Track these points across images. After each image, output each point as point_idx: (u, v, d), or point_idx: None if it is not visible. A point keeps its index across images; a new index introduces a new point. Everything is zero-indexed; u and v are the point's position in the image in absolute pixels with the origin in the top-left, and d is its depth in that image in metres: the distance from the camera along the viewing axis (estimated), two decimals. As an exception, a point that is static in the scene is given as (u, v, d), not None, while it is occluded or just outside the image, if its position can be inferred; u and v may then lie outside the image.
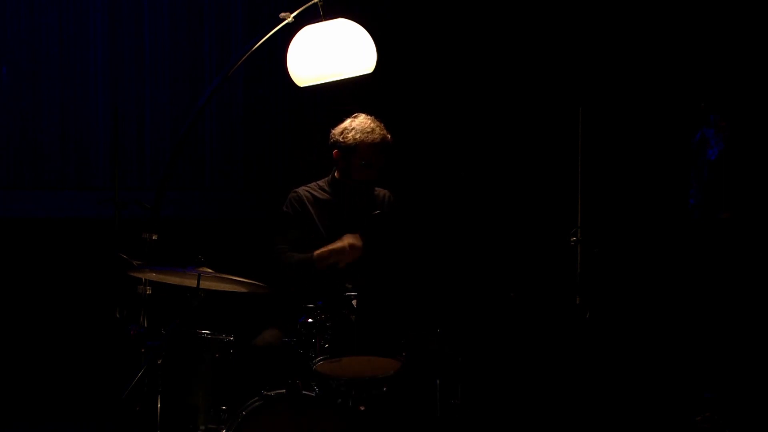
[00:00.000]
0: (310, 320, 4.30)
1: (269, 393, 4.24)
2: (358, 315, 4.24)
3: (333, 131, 4.86)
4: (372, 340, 4.23)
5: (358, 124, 4.82)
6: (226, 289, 4.39)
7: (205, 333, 4.37)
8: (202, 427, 4.29)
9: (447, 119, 6.48)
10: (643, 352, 5.89)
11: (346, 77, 4.46)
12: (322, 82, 4.46)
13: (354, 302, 4.26)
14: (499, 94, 6.45)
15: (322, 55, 4.39)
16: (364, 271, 4.75)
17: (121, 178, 5.68)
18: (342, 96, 5.46)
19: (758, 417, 5.43)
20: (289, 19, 4.48)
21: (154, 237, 4.42)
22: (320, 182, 4.95)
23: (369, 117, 4.85)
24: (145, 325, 4.37)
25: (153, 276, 4.33)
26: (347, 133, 4.81)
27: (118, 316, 4.86)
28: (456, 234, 5.79)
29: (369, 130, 4.79)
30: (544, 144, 6.30)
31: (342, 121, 4.87)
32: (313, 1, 4.46)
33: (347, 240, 4.72)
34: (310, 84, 4.49)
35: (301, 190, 4.91)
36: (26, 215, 6.55)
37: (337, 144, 4.84)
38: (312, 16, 4.46)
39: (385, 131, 4.82)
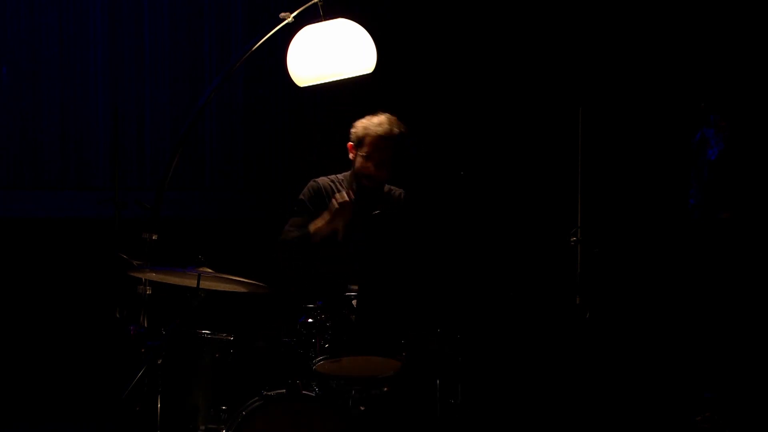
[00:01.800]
0: (310, 320, 4.30)
1: (269, 393, 4.24)
2: (358, 315, 4.24)
3: (356, 128, 4.89)
4: (372, 340, 4.23)
5: (372, 117, 4.84)
6: (226, 289, 4.39)
7: (205, 333, 4.37)
8: (202, 427, 4.29)
9: (447, 119, 6.48)
10: (643, 352, 5.89)
11: (346, 77, 4.46)
12: (322, 82, 4.46)
13: (354, 302, 4.26)
14: (499, 94, 6.45)
15: (322, 55, 4.39)
16: (364, 270, 4.74)
17: (121, 178, 5.69)
18: (342, 96, 5.47)
19: (758, 417, 5.43)
20: (289, 19, 4.48)
21: (154, 237, 4.42)
22: (340, 176, 4.95)
23: (389, 115, 4.86)
24: (145, 325, 4.37)
25: (153, 276, 4.33)
26: (359, 123, 4.83)
27: (118, 316, 4.86)
28: (456, 234, 5.79)
29: (378, 122, 4.80)
30: (544, 144, 6.30)
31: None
32: (313, 1, 4.46)
33: (333, 200, 4.67)
34: (310, 84, 4.49)
35: (321, 180, 4.91)
36: (26, 215, 6.55)
37: (350, 135, 4.85)
38: (312, 16, 4.46)
39: (393, 126, 4.80)
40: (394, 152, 4.82)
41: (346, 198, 4.63)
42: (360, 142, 4.81)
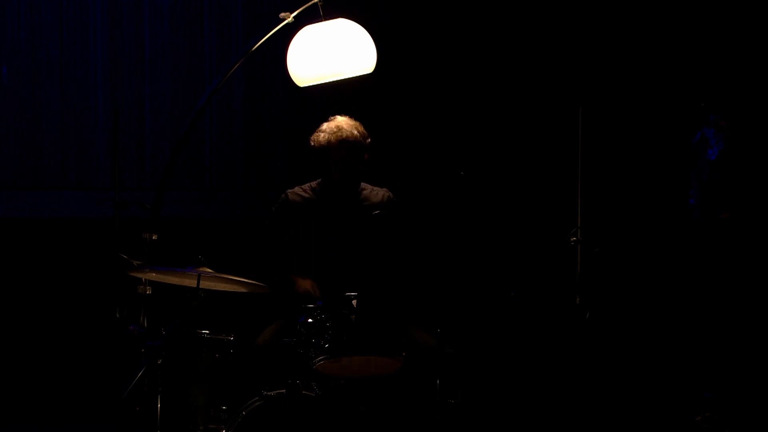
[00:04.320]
0: (310, 320, 4.30)
1: (269, 393, 4.24)
2: (358, 315, 4.25)
3: (311, 137, 4.96)
4: (372, 340, 4.24)
5: (327, 126, 4.94)
6: (226, 289, 4.39)
7: (204, 333, 4.37)
8: (202, 427, 4.30)
9: (447, 119, 6.48)
10: (643, 352, 5.89)
11: (346, 77, 4.46)
12: (322, 82, 4.46)
13: (354, 302, 4.26)
14: (499, 94, 6.45)
15: (322, 55, 4.39)
16: (364, 271, 4.75)
17: (121, 178, 5.68)
18: (342, 96, 5.46)
19: (758, 417, 5.43)
20: (289, 19, 4.48)
21: (154, 237, 4.42)
22: (314, 183, 5.02)
23: (343, 118, 4.94)
24: (145, 325, 4.37)
25: (153, 276, 4.33)
26: (318, 135, 4.93)
27: (118, 316, 4.86)
28: (456, 234, 5.79)
29: (335, 129, 4.91)
30: (544, 144, 6.30)
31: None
32: (313, 1, 4.46)
33: (303, 285, 4.81)
34: (310, 84, 4.49)
35: (291, 193, 5.00)
36: (26, 215, 6.55)
37: (312, 148, 4.92)
38: (312, 16, 4.46)
39: (350, 130, 4.89)
40: (350, 154, 4.88)
41: (310, 291, 4.77)
42: (323, 152, 4.93)
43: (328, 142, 4.89)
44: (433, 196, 6.10)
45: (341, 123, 4.92)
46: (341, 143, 4.87)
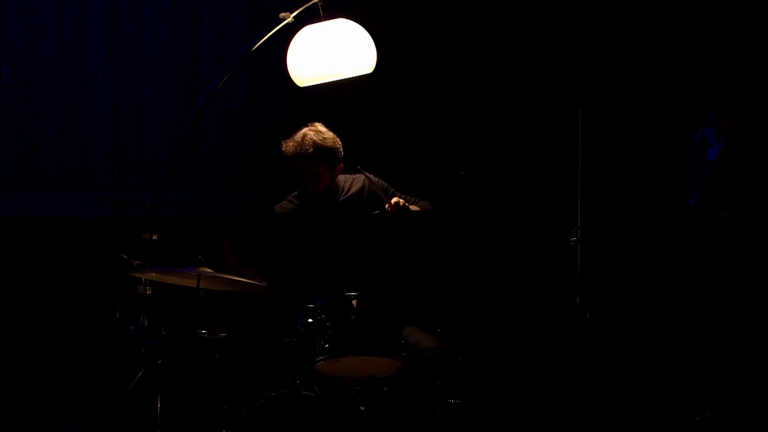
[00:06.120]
0: (310, 320, 4.30)
1: (269, 393, 4.24)
2: (358, 315, 4.25)
3: None
4: (372, 340, 4.24)
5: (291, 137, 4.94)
6: (226, 289, 4.39)
7: (204, 333, 4.38)
8: (202, 427, 4.30)
9: (447, 119, 6.48)
10: (643, 352, 5.89)
11: (346, 77, 4.46)
12: (322, 82, 4.47)
13: (354, 302, 4.27)
14: (499, 94, 6.45)
15: (322, 55, 4.40)
16: (364, 271, 4.75)
17: (121, 178, 5.68)
18: (342, 96, 5.47)
19: (758, 417, 5.43)
20: (289, 19, 4.48)
21: (154, 237, 4.42)
22: (291, 196, 5.04)
23: (309, 126, 4.91)
24: (145, 325, 4.37)
25: (153, 276, 4.33)
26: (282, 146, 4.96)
27: (118, 316, 4.86)
28: (456, 234, 5.79)
29: (291, 142, 4.90)
30: (544, 144, 6.30)
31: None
32: (313, 1, 4.46)
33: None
34: (310, 84, 4.49)
35: (278, 207, 5.03)
36: (26, 215, 6.55)
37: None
38: (312, 16, 4.47)
39: (296, 142, 4.87)
40: (309, 165, 4.85)
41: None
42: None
43: (285, 153, 4.90)
44: (432, 196, 6.10)
45: (299, 134, 4.90)
46: (289, 158, 4.87)
